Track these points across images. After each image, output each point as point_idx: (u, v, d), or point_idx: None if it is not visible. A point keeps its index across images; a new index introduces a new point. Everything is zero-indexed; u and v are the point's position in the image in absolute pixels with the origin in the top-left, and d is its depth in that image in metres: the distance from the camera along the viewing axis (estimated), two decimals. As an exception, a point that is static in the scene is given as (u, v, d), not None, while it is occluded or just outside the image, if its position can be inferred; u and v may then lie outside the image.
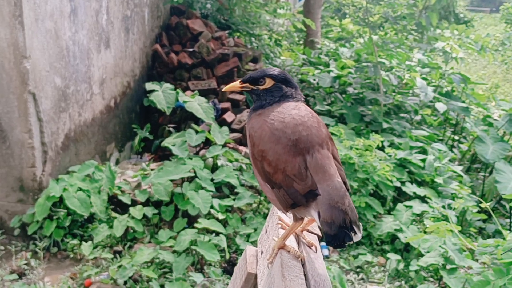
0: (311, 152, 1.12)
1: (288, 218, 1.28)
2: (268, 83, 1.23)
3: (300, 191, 1.09)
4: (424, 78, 6.92)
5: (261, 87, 1.24)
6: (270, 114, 1.18)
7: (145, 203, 4.57)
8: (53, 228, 4.22)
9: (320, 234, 1.27)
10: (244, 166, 4.98)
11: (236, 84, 1.27)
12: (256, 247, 1.34)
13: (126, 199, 4.57)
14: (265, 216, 4.56)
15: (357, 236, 1.05)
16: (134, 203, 4.60)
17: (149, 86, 5.57)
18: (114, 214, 4.48)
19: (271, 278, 1.07)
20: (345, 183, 1.12)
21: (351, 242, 1.04)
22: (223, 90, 1.26)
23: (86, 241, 4.26)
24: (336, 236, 1.03)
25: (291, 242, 1.18)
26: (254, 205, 4.72)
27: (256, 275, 1.20)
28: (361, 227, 1.06)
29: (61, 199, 4.29)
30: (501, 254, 2.80)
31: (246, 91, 1.26)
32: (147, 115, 6.18)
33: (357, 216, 1.07)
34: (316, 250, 1.21)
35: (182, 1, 6.23)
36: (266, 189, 1.17)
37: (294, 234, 1.23)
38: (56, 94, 4.45)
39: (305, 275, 1.07)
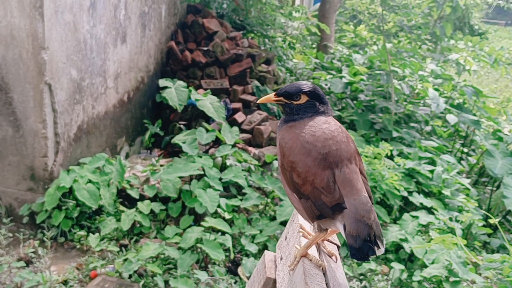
0: (340, 166, 1.15)
1: (309, 226, 1.31)
2: (303, 99, 1.26)
3: (328, 204, 1.12)
4: (436, 89, 6.92)
5: (295, 103, 1.26)
6: (301, 127, 1.21)
7: (153, 199, 4.61)
8: (61, 218, 4.27)
9: (340, 244, 1.30)
10: (252, 167, 5.01)
11: (271, 96, 1.29)
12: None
13: (134, 194, 4.62)
14: (271, 218, 4.59)
15: (380, 250, 1.08)
16: (142, 197, 4.64)
17: (162, 82, 5.61)
18: (122, 207, 4.52)
19: (292, 284, 1.10)
20: (370, 197, 1.16)
21: (374, 256, 1.07)
22: (258, 102, 1.29)
23: (93, 233, 4.30)
24: (361, 249, 1.06)
25: (312, 251, 1.21)
26: (261, 207, 4.75)
27: (274, 280, 1.23)
28: (384, 242, 1.09)
29: (70, 190, 4.34)
30: (508, 272, 2.81)
31: (280, 104, 1.28)
32: (159, 111, 6.22)
33: (381, 231, 1.11)
34: (337, 259, 1.24)
35: (199, 0, 6.27)
36: (293, 198, 1.20)
37: (315, 244, 1.26)
38: (71, 86, 4.50)
39: (326, 284, 1.10)
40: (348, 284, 1.13)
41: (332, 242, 1.29)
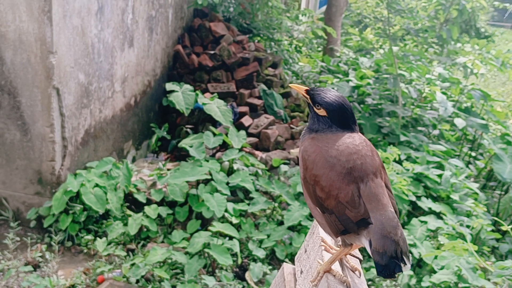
0: (365, 180, 1.13)
1: (331, 240, 1.29)
2: (322, 111, 1.23)
3: (352, 219, 1.10)
4: (444, 93, 6.88)
5: (315, 109, 1.24)
6: (325, 140, 1.19)
7: (160, 203, 4.60)
8: (68, 222, 4.27)
9: (362, 258, 1.28)
10: (259, 171, 4.99)
11: (302, 89, 1.27)
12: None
13: (141, 198, 4.61)
14: (278, 223, 4.57)
15: (407, 267, 1.06)
16: (149, 202, 4.63)
17: (169, 86, 5.61)
18: (129, 212, 4.52)
19: None
20: (396, 212, 1.13)
21: (401, 273, 1.05)
22: (290, 85, 1.27)
23: (100, 237, 4.30)
24: (387, 266, 1.04)
25: (335, 265, 1.20)
26: (268, 211, 4.73)
27: None
28: (411, 258, 1.07)
29: (78, 194, 4.34)
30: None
31: (305, 101, 1.26)
32: (165, 115, 6.22)
33: (408, 247, 1.08)
34: (360, 275, 1.22)
35: (206, 4, 6.27)
36: (316, 212, 1.18)
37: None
38: (79, 90, 4.51)
39: None
40: None
41: (354, 256, 1.27)
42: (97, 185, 4.40)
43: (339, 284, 1.12)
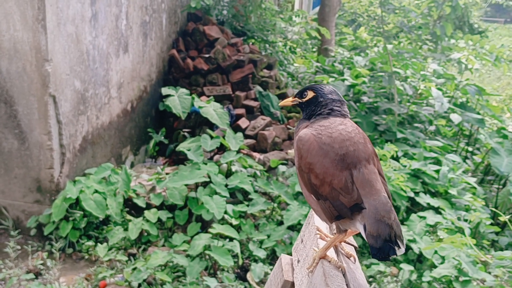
0: (358, 167, 1.16)
1: (326, 228, 1.32)
2: (309, 94, 1.29)
3: (346, 204, 1.13)
4: (439, 89, 6.92)
5: (304, 100, 1.30)
6: (318, 128, 1.22)
7: (160, 207, 4.61)
8: (69, 229, 4.28)
9: (357, 245, 1.30)
10: (258, 173, 5.01)
11: (289, 99, 1.34)
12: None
13: (141, 202, 4.62)
14: (278, 223, 4.58)
15: (401, 250, 1.08)
16: (149, 206, 4.64)
17: (165, 90, 5.63)
18: (129, 217, 4.53)
19: (312, 286, 1.10)
20: (389, 198, 1.16)
21: (395, 256, 1.07)
22: (279, 104, 1.32)
23: (101, 243, 4.31)
24: (381, 249, 1.07)
25: (330, 252, 1.22)
26: (268, 212, 4.75)
27: (292, 283, 1.24)
28: (405, 242, 1.10)
29: (77, 200, 4.35)
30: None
31: (296, 105, 1.32)
32: (162, 120, 6.24)
33: (401, 231, 1.11)
34: (355, 260, 1.25)
35: (199, 6, 6.30)
36: (311, 200, 1.20)
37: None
38: (75, 97, 4.52)
39: (346, 285, 1.10)
40: (368, 285, 1.13)
41: (349, 243, 1.30)
42: (96, 191, 4.41)
43: (334, 269, 1.15)
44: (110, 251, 4.19)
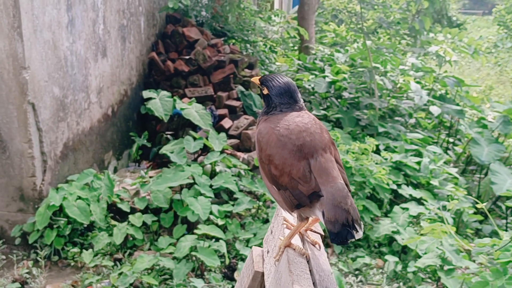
0: (315, 156, 1.19)
1: (292, 218, 1.35)
2: (265, 91, 1.32)
3: (305, 193, 1.17)
4: (418, 82, 7.00)
5: (263, 92, 1.34)
6: (276, 121, 1.26)
7: (144, 211, 4.60)
8: (53, 237, 4.25)
9: (323, 233, 1.34)
10: (242, 172, 5.03)
11: (257, 79, 1.37)
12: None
13: (125, 207, 4.61)
14: (264, 221, 4.60)
15: (359, 234, 1.13)
16: (133, 210, 4.63)
17: (146, 94, 5.61)
18: (113, 222, 4.51)
19: (278, 274, 1.14)
20: (347, 184, 1.20)
21: (353, 240, 1.11)
22: (252, 80, 1.36)
23: (86, 249, 4.29)
24: (339, 233, 1.11)
25: (296, 240, 1.26)
26: (253, 210, 4.76)
27: (262, 274, 1.28)
28: (362, 226, 1.14)
29: (61, 208, 4.33)
30: (498, 254, 2.85)
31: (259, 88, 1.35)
32: (145, 123, 6.22)
33: (358, 215, 1.15)
34: (320, 248, 1.28)
35: (177, 7, 6.29)
36: (273, 191, 1.24)
37: (298, 234, 1.31)
38: (54, 104, 4.49)
39: (310, 271, 1.14)
40: (331, 269, 1.16)
41: (315, 232, 1.34)
42: (79, 198, 4.39)
43: (299, 256, 1.18)
44: (95, 257, 4.18)
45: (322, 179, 1.17)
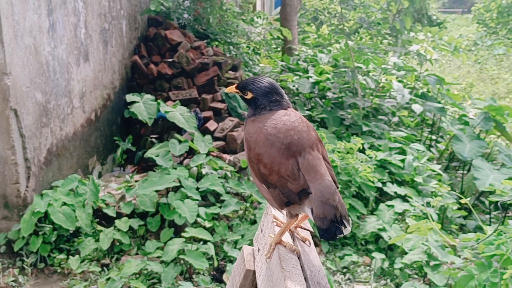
0: (303, 154, 1.21)
1: (282, 216, 1.37)
2: (249, 95, 1.33)
3: (294, 190, 1.19)
4: (400, 81, 7.08)
5: (245, 97, 1.35)
6: (264, 121, 1.28)
7: (131, 215, 4.57)
8: (39, 244, 4.20)
9: (312, 230, 1.35)
10: (229, 174, 5.03)
11: (233, 87, 1.37)
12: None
13: (111, 212, 4.58)
14: (251, 222, 4.61)
15: (347, 229, 1.15)
16: (119, 215, 4.60)
17: (129, 97, 5.58)
18: (99, 227, 4.48)
19: (270, 271, 1.15)
20: (334, 181, 1.22)
21: (342, 235, 1.13)
22: (225, 91, 1.36)
23: (73, 255, 4.25)
24: (328, 229, 1.13)
25: (286, 238, 1.28)
26: (240, 212, 4.77)
27: (254, 272, 1.29)
28: (350, 221, 1.16)
29: (46, 214, 4.28)
30: (483, 248, 2.90)
31: (240, 96, 1.36)
32: (129, 127, 6.19)
33: (346, 211, 1.17)
34: (310, 244, 1.30)
35: (159, 10, 6.27)
36: (263, 189, 1.26)
37: (288, 231, 1.32)
38: (37, 110, 4.45)
39: (301, 267, 1.16)
40: (321, 265, 1.18)
41: (305, 229, 1.36)
42: (64, 204, 4.34)
43: (290, 253, 1.20)
44: (82, 263, 4.14)
45: (310, 177, 1.19)
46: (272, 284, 1.10)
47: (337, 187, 1.21)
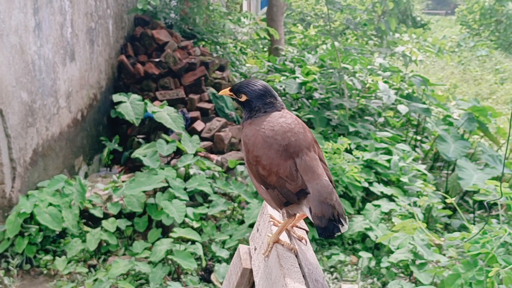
0: (300, 155, 1.24)
1: (279, 215, 1.40)
2: (243, 97, 1.36)
3: (292, 190, 1.22)
4: (386, 82, 7.15)
5: (240, 100, 1.37)
6: (261, 123, 1.30)
7: (118, 216, 4.55)
8: (25, 245, 4.16)
9: (308, 229, 1.38)
10: (216, 174, 5.03)
11: (227, 90, 1.39)
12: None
13: (98, 213, 4.55)
14: (239, 222, 4.62)
15: (344, 227, 1.18)
16: (106, 216, 4.57)
17: (116, 97, 5.55)
18: (86, 228, 4.45)
19: (268, 269, 1.17)
20: (331, 181, 1.25)
21: (340, 233, 1.17)
22: (219, 93, 1.37)
23: (59, 256, 4.21)
24: (326, 228, 1.16)
25: (283, 237, 1.31)
26: (228, 212, 4.77)
27: (251, 270, 1.31)
28: (347, 219, 1.18)
29: (32, 215, 4.24)
30: (468, 247, 2.95)
31: (233, 99, 1.38)
32: (115, 127, 6.15)
33: (343, 210, 1.21)
34: (306, 242, 1.33)
35: (146, 9, 6.24)
36: (261, 190, 1.29)
37: (285, 230, 1.35)
38: (23, 109, 4.40)
39: (299, 264, 1.19)
40: (318, 263, 1.21)
41: (301, 228, 1.39)
42: (51, 204, 4.31)
43: (287, 251, 1.23)
44: (69, 264, 4.11)
45: (308, 177, 1.22)
46: (271, 281, 1.12)
47: (334, 187, 1.24)
